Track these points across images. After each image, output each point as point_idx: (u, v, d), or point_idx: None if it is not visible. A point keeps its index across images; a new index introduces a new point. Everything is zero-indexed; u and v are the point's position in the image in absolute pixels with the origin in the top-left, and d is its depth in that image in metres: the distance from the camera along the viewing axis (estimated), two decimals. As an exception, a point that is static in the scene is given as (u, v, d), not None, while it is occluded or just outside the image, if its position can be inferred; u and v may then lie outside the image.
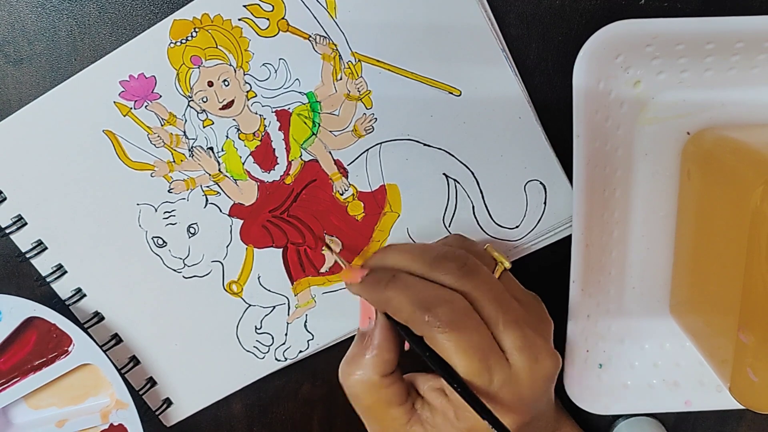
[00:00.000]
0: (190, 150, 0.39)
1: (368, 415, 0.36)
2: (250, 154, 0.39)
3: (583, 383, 0.42)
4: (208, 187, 0.39)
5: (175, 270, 0.41)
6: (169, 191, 0.39)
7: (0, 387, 0.41)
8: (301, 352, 0.42)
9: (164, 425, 0.44)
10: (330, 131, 0.39)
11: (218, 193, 0.40)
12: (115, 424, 0.41)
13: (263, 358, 0.42)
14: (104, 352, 0.40)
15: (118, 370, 0.41)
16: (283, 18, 0.36)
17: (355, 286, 0.35)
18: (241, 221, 0.40)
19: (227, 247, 0.40)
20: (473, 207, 0.40)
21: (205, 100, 0.38)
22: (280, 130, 0.39)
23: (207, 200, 0.40)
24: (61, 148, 0.38)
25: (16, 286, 0.42)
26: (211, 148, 0.39)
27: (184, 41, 0.37)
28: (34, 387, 0.41)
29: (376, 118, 0.39)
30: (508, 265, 0.36)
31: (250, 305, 0.42)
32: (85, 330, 0.40)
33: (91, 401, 0.43)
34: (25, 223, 0.40)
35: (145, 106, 0.38)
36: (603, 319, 0.41)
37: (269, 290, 0.41)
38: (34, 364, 0.41)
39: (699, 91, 0.38)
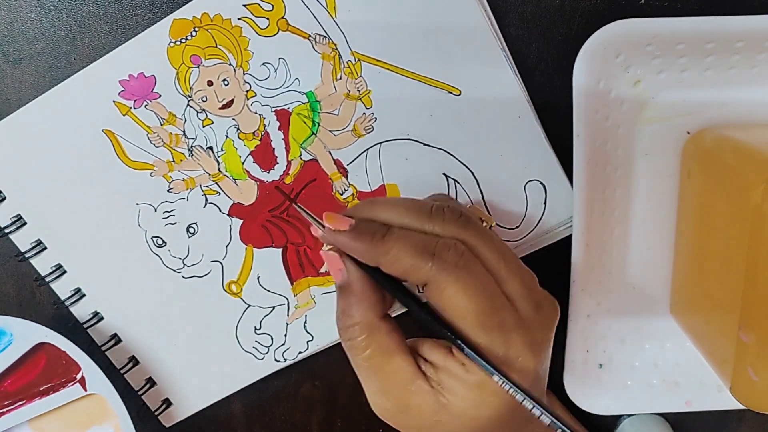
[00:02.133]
0: (189, 149, 0.39)
1: (370, 367, 0.34)
2: (249, 154, 0.39)
3: (583, 383, 0.41)
4: (207, 186, 0.39)
5: (174, 270, 0.41)
6: (168, 191, 0.39)
7: (5, 409, 0.41)
8: (300, 353, 0.42)
9: (164, 426, 0.44)
10: (330, 131, 0.39)
11: (218, 192, 0.39)
12: None
13: (263, 358, 0.42)
14: (112, 383, 0.40)
15: (120, 380, 0.41)
16: (282, 17, 0.36)
17: (343, 235, 0.32)
18: (241, 221, 0.40)
19: (227, 247, 0.40)
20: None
21: (204, 99, 0.38)
22: (279, 129, 0.38)
23: (206, 200, 0.40)
24: (61, 148, 0.38)
25: (15, 286, 0.41)
26: (211, 148, 0.39)
27: (183, 40, 0.37)
28: (40, 412, 0.41)
29: (375, 118, 0.38)
30: (493, 223, 0.36)
31: (249, 306, 0.42)
32: (96, 357, 0.40)
33: (95, 429, 0.42)
34: (25, 223, 0.39)
35: (145, 106, 0.38)
36: (603, 319, 0.41)
37: (269, 290, 0.41)
38: (41, 389, 0.40)
39: (699, 91, 0.38)
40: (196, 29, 0.36)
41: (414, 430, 0.35)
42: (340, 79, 0.38)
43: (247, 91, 0.38)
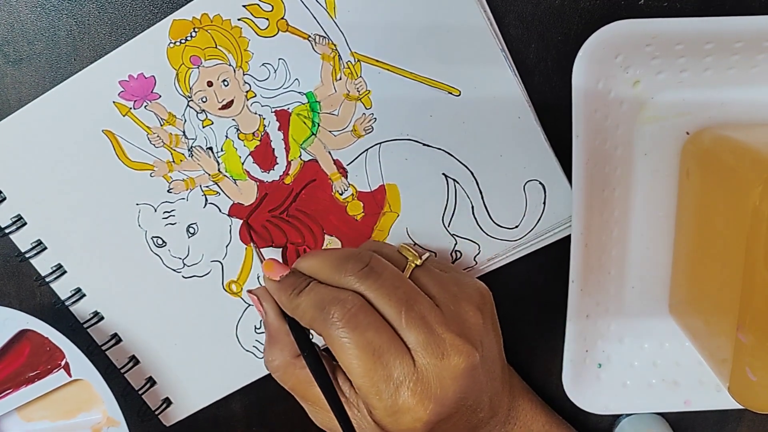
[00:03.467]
0: (189, 150, 0.39)
1: (297, 396, 0.38)
2: (249, 154, 0.39)
3: (582, 383, 0.42)
4: (207, 187, 0.39)
5: (174, 270, 0.41)
6: (168, 191, 0.39)
7: None
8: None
9: (164, 425, 0.44)
10: (329, 131, 0.39)
11: (218, 193, 0.40)
12: None
13: (263, 358, 0.42)
14: (99, 366, 0.40)
15: (119, 380, 0.41)
16: (282, 18, 0.36)
17: (272, 283, 0.36)
18: (241, 221, 0.40)
19: (227, 246, 0.40)
20: (472, 207, 0.40)
21: (204, 100, 0.38)
22: (279, 130, 0.39)
23: (206, 200, 0.40)
24: (61, 148, 0.38)
25: (16, 286, 0.42)
26: (211, 148, 0.39)
27: (183, 41, 0.37)
28: (27, 399, 0.41)
29: (375, 118, 0.39)
30: (418, 262, 0.36)
31: (249, 305, 0.42)
32: (81, 343, 0.40)
33: (83, 416, 0.43)
34: (25, 223, 0.40)
35: (145, 106, 0.38)
36: (602, 319, 0.41)
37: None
38: (27, 377, 0.41)
39: (698, 91, 0.38)
40: (196, 30, 0.37)
41: None
42: (340, 79, 0.38)
43: (246, 92, 0.38)
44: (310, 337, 0.37)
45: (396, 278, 0.34)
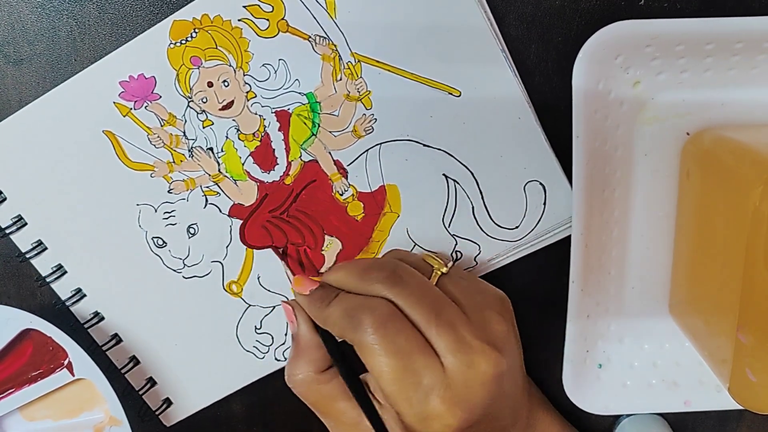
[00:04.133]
0: (189, 150, 0.39)
1: (319, 411, 0.38)
2: (249, 155, 0.39)
3: (582, 383, 0.42)
4: (207, 187, 0.39)
5: (175, 270, 0.41)
6: (168, 192, 0.39)
7: None
8: (300, 352, 0.42)
9: (164, 425, 0.44)
10: (330, 132, 0.39)
11: (218, 193, 0.40)
12: None
13: (263, 358, 0.42)
14: (101, 365, 0.40)
15: (120, 381, 0.41)
16: (282, 18, 0.37)
17: (302, 298, 0.37)
18: (241, 221, 0.40)
19: (227, 247, 0.41)
20: (473, 207, 0.40)
21: (204, 100, 0.38)
22: (279, 130, 0.39)
23: (207, 200, 0.40)
24: (61, 149, 0.38)
25: (16, 287, 0.42)
26: (211, 149, 0.39)
27: (183, 42, 0.37)
28: (29, 399, 0.41)
29: (375, 119, 0.39)
30: (444, 270, 0.36)
31: (249, 305, 0.42)
32: (84, 342, 0.40)
33: (85, 416, 0.43)
34: (25, 224, 0.40)
35: (145, 107, 0.38)
36: (602, 319, 0.42)
37: (269, 290, 0.41)
38: (29, 376, 0.41)
39: (699, 92, 0.38)
40: (196, 30, 0.37)
41: None
42: (340, 80, 0.38)
43: (247, 92, 0.38)
44: (342, 350, 0.37)
45: (423, 285, 0.35)
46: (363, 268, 0.35)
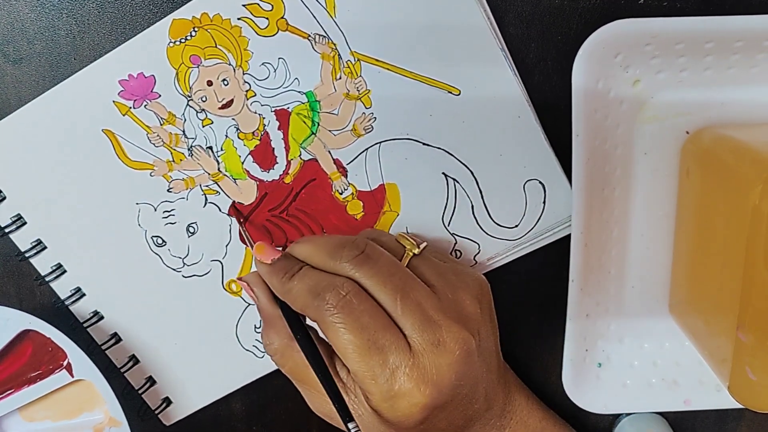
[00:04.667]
0: (189, 149, 0.39)
1: (295, 380, 0.38)
2: (249, 154, 0.39)
3: (582, 382, 0.42)
4: (207, 186, 0.39)
5: (174, 269, 0.41)
6: (168, 190, 0.39)
7: None
8: (300, 351, 0.42)
9: (164, 424, 0.44)
10: (329, 130, 0.39)
11: (217, 192, 0.40)
12: None
13: (263, 357, 0.42)
14: (101, 366, 0.40)
15: (120, 380, 0.41)
16: (282, 17, 0.36)
17: (263, 267, 0.36)
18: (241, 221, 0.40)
19: (226, 246, 0.40)
20: (472, 206, 0.40)
21: (204, 99, 0.38)
22: (279, 129, 0.39)
23: (206, 199, 0.40)
24: (61, 148, 0.38)
25: (16, 286, 0.42)
26: (211, 148, 0.39)
27: (183, 40, 0.37)
28: (29, 399, 0.41)
29: (375, 118, 0.39)
30: (416, 251, 0.36)
31: (249, 304, 0.42)
32: (83, 343, 0.40)
33: (85, 416, 0.43)
34: (25, 223, 0.40)
35: (145, 106, 0.38)
36: (602, 319, 0.41)
37: (269, 289, 0.41)
38: (29, 377, 0.41)
39: (698, 90, 0.38)
40: (196, 29, 0.37)
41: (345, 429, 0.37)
42: (340, 78, 0.38)
43: (246, 91, 0.38)
44: (303, 320, 0.37)
45: (392, 265, 0.34)
46: (334, 245, 0.35)
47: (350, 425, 0.34)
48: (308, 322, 0.37)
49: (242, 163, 0.39)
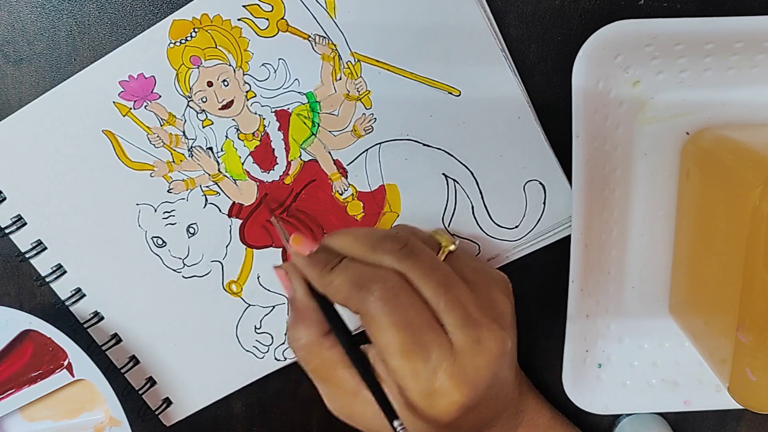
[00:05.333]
0: (189, 150, 0.39)
1: (317, 377, 0.36)
2: (249, 154, 0.39)
3: (582, 383, 0.42)
4: (207, 187, 0.39)
5: (174, 270, 0.41)
6: (168, 191, 0.39)
7: None
8: (300, 351, 0.42)
9: (164, 425, 0.44)
10: (329, 131, 0.39)
11: (218, 193, 0.40)
12: None
13: (263, 357, 0.42)
14: (101, 366, 0.40)
15: (120, 380, 0.41)
16: (282, 18, 0.37)
17: (301, 259, 0.35)
18: (241, 221, 0.40)
19: (227, 247, 0.40)
20: (472, 207, 0.40)
21: (204, 100, 0.38)
22: (279, 130, 0.39)
23: (206, 200, 0.40)
24: (61, 148, 0.38)
25: (16, 287, 0.42)
26: (211, 148, 0.39)
27: (183, 41, 0.37)
28: (30, 399, 0.41)
29: (375, 118, 0.39)
30: (452, 248, 0.36)
31: (249, 305, 0.42)
32: (84, 343, 0.40)
33: (85, 416, 0.43)
34: (25, 223, 0.40)
35: (145, 106, 0.38)
36: (602, 319, 0.42)
37: (269, 290, 0.41)
38: (29, 377, 0.41)
39: (698, 91, 0.38)
40: (196, 30, 0.37)
41: (364, 429, 0.36)
42: (340, 79, 0.38)
43: (246, 92, 0.38)
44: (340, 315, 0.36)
45: (434, 261, 0.34)
46: (377, 237, 0.34)
47: (395, 423, 0.33)
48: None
49: (242, 163, 0.39)
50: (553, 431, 0.41)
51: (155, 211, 0.40)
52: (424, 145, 0.39)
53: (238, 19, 0.36)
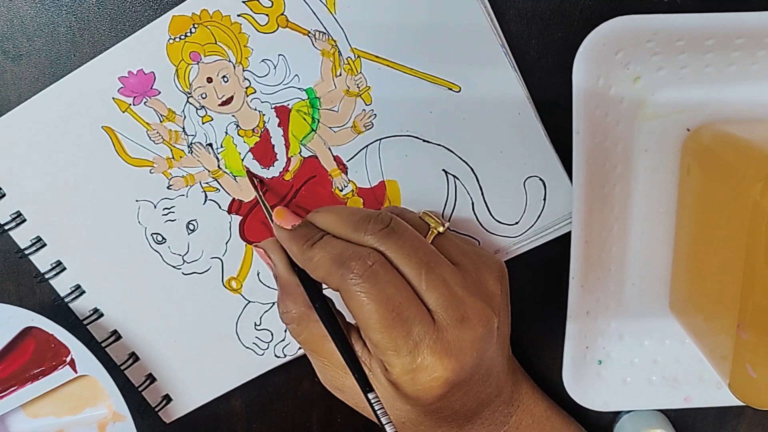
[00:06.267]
0: (189, 146, 0.39)
1: (308, 350, 0.37)
2: (249, 151, 0.39)
3: (582, 380, 0.42)
4: (207, 183, 0.39)
5: (174, 266, 0.41)
6: (168, 188, 0.39)
7: None
8: (300, 348, 0.42)
9: (164, 421, 0.44)
10: (329, 127, 0.39)
11: (217, 189, 0.40)
12: None
13: (263, 354, 0.42)
14: (103, 361, 0.40)
15: (120, 377, 0.41)
16: (282, 14, 0.36)
17: (283, 232, 0.35)
18: (240, 217, 0.40)
19: (226, 243, 0.40)
20: (473, 203, 0.40)
21: (204, 96, 0.38)
22: (279, 126, 0.38)
23: (206, 196, 0.40)
24: (60, 145, 0.38)
25: (15, 283, 0.42)
26: (210, 145, 0.39)
27: (183, 37, 0.37)
28: (32, 396, 0.41)
29: (375, 114, 0.38)
30: (441, 229, 0.36)
31: (249, 302, 0.42)
32: (85, 339, 0.40)
33: (89, 412, 0.43)
34: (24, 220, 0.40)
35: (144, 103, 0.38)
36: (602, 316, 0.41)
37: (269, 286, 0.41)
38: (32, 373, 0.41)
39: (699, 87, 0.38)
40: (196, 26, 0.36)
41: (352, 404, 0.37)
42: (340, 75, 0.38)
43: (246, 88, 0.38)
44: (322, 289, 0.36)
45: (417, 240, 0.34)
46: (357, 216, 0.34)
47: (370, 395, 0.33)
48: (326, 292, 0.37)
49: (242, 160, 0.39)
50: (549, 422, 0.41)
51: (155, 207, 0.40)
52: (425, 141, 0.39)
53: (238, 15, 0.36)
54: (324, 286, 0.36)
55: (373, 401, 0.33)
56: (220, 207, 0.40)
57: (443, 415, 0.35)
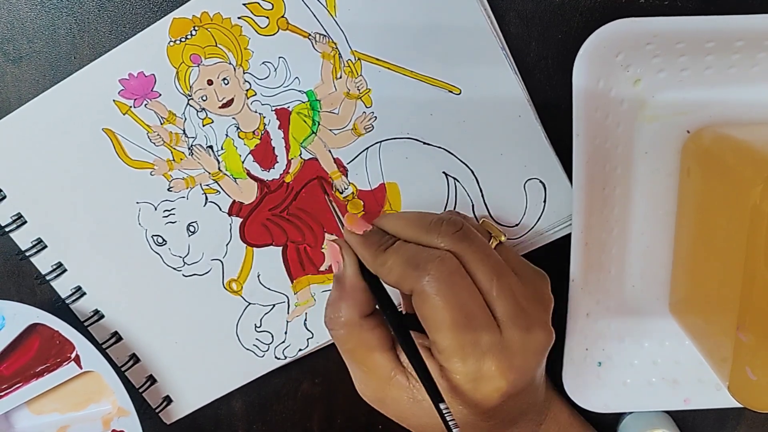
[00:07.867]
0: (189, 148, 0.39)
1: (352, 359, 0.36)
2: (249, 153, 0.39)
3: (582, 381, 0.42)
4: (207, 185, 0.39)
5: (174, 268, 0.41)
6: (168, 190, 0.39)
7: (2, 392, 0.41)
8: (300, 350, 0.42)
9: (164, 423, 0.44)
10: (330, 130, 0.39)
11: (218, 191, 0.40)
12: (117, 431, 0.41)
13: (263, 356, 0.42)
14: (107, 359, 0.40)
15: (121, 378, 0.41)
16: (282, 16, 0.36)
17: (354, 237, 0.35)
18: (241, 219, 0.40)
19: (227, 245, 0.40)
20: (473, 205, 0.40)
21: (204, 98, 0.38)
22: (279, 128, 0.39)
23: (207, 198, 0.40)
24: (61, 147, 0.38)
25: (16, 285, 0.42)
26: (211, 147, 0.39)
27: (183, 39, 0.37)
28: (37, 393, 0.41)
29: (375, 117, 0.38)
30: (503, 238, 0.36)
31: (249, 303, 0.42)
32: (89, 337, 0.40)
33: (93, 408, 0.43)
34: (25, 222, 0.40)
35: (145, 105, 0.38)
36: (602, 318, 0.42)
37: (269, 288, 0.41)
38: (36, 370, 0.41)
39: (699, 90, 0.38)
40: (196, 28, 0.36)
41: (393, 417, 0.36)
42: (340, 78, 0.38)
43: (247, 90, 0.38)
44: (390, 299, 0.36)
45: (488, 247, 0.34)
46: (431, 220, 0.34)
47: (441, 406, 0.32)
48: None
49: (242, 162, 0.39)
50: (573, 429, 0.42)
51: (155, 209, 0.40)
52: (425, 143, 0.39)
53: (239, 18, 0.36)
54: None
55: (444, 412, 0.32)
56: (220, 209, 0.40)
57: (489, 423, 0.35)
